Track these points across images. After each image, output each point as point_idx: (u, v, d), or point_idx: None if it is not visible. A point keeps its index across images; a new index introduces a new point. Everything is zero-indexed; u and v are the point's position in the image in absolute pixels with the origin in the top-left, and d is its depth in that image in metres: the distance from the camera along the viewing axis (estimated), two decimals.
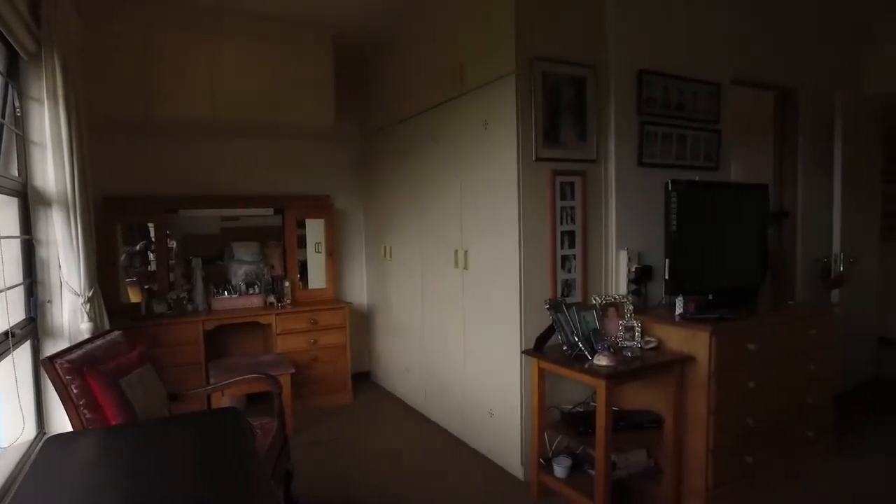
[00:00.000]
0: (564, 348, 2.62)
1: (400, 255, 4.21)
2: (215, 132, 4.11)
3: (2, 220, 2.32)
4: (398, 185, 4.16)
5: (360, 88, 4.68)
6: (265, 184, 4.39)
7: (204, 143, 4.17)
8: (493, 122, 2.97)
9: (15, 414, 2.22)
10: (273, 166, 4.44)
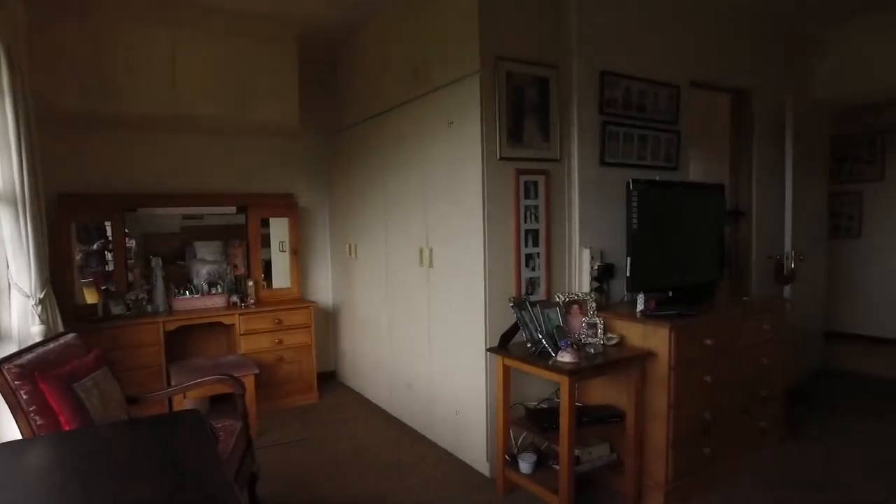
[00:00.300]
0: (529, 345, 2.66)
1: (365, 253, 4.19)
2: (176, 128, 4.01)
3: None
4: (364, 184, 4.14)
5: (326, 86, 4.63)
6: (228, 182, 4.31)
7: (165, 139, 4.07)
8: (458, 120, 2.98)
9: None
10: (236, 164, 4.36)
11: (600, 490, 2.78)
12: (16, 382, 1.84)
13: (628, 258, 2.78)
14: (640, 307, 2.82)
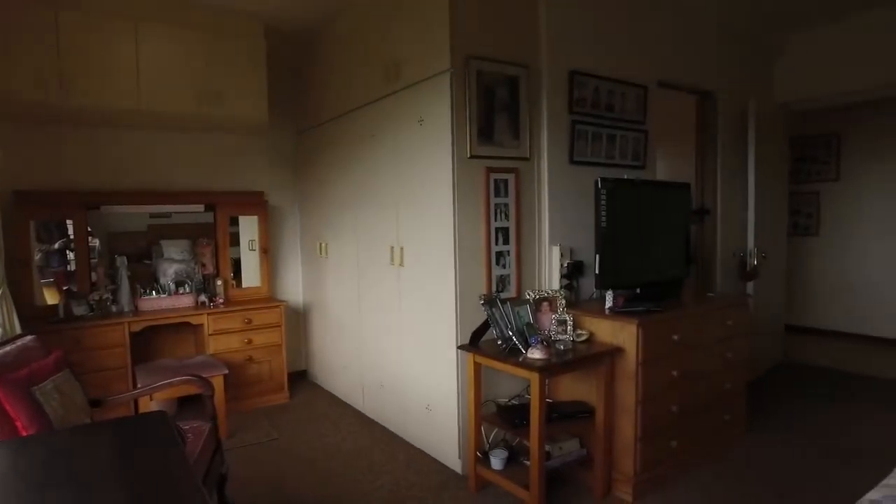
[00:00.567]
0: (499, 343, 2.68)
1: (336, 252, 4.16)
2: (141, 124, 3.91)
3: None
4: (334, 182, 4.11)
5: (296, 83, 4.58)
6: (196, 179, 4.23)
7: (129, 135, 3.96)
8: (429, 119, 2.98)
9: None
10: (204, 161, 4.28)
11: (570, 484, 2.83)
12: None
13: (597, 255, 2.82)
14: (608, 304, 2.86)
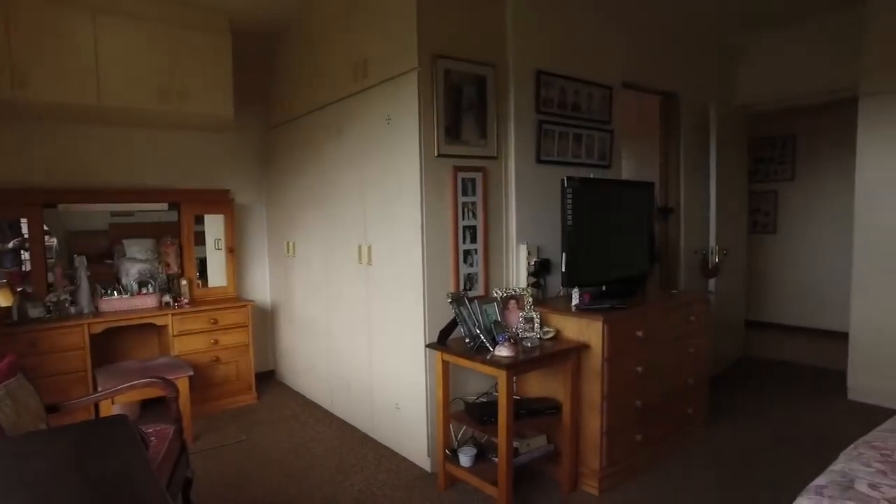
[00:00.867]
0: (467, 340, 2.69)
1: (304, 250, 4.12)
2: (102, 120, 3.79)
3: None
4: (302, 180, 4.06)
5: (263, 80, 4.51)
6: (160, 177, 4.12)
7: (89, 131, 3.84)
8: (396, 117, 2.98)
9: None
10: (169, 158, 4.17)
11: (538, 480, 2.86)
12: None
13: (563, 253, 2.86)
14: (575, 301, 2.91)
